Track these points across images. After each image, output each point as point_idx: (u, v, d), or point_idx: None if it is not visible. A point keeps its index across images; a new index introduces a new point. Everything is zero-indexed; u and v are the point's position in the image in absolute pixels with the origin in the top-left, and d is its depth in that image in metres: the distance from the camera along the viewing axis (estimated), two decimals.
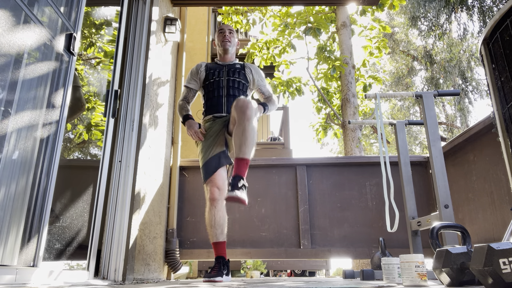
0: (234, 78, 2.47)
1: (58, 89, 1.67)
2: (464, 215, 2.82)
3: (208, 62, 2.63)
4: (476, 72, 12.16)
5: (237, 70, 2.52)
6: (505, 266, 1.05)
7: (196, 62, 7.42)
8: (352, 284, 1.69)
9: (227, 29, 2.64)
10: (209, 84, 2.49)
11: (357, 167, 3.42)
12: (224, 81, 2.46)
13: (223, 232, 2.23)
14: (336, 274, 15.37)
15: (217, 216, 2.20)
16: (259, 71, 2.62)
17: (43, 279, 1.53)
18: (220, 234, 2.21)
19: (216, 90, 2.46)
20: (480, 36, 1.74)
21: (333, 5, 6.35)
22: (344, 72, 6.26)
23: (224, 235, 2.25)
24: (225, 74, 2.49)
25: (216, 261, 2.20)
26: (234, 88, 2.45)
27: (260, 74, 2.62)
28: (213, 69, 2.52)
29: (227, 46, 2.58)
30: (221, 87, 2.45)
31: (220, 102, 2.42)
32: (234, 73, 2.50)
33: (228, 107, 2.41)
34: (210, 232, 2.23)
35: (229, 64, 2.57)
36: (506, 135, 1.61)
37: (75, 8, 1.83)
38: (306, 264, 8.15)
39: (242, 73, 2.52)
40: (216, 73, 2.50)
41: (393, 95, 2.52)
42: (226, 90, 2.44)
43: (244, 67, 2.57)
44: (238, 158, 2.02)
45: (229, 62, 2.59)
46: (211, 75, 2.50)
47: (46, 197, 1.56)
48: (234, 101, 2.19)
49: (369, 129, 13.21)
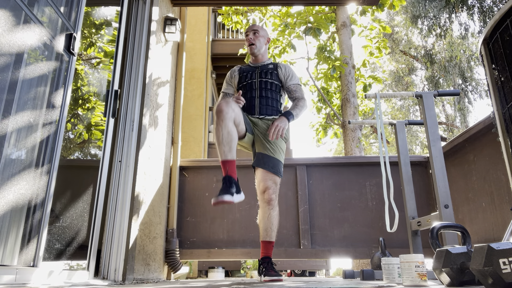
0: (266, 80, 2.44)
1: (58, 89, 1.67)
2: (464, 215, 2.82)
3: (243, 65, 2.60)
4: (476, 72, 12.17)
5: (270, 71, 2.48)
6: (505, 266, 1.05)
7: (196, 62, 7.45)
8: (352, 284, 1.69)
9: (251, 30, 2.55)
10: (242, 86, 2.48)
11: (357, 167, 3.42)
12: (257, 83, 2.44)
13: (231, 150, 2.05)
14: (336, 274, 15.37)
15: (224, 131, 2.03)
16: (291, 70, 2.54)
17: (43, 279, 1.53)
18: (228, 151, 2.04)
19: (248, 92, 2.44)
20: (480, 36, 1.74)
21: (333, 5, 6.35)
22: (344, 72, 6.26)
23: (233, 153, 2.07)
24: (257, 76, 2.46)
25: (223, 180, 2.01)
26: (267, 89, 2.43)
27: (292, 73, 2.53)
28: (246, 71, 2.51)
29: (253, 51, 2.52)
30: (254, 89, 2.43)
31: (252, 104, 2.40)
32: (266, 74, 2.46)
33: (260, 108, 2.39)
34: (218, 149, 2.07)
35: (261, 65, 2.52)
36: (506, 135, 1.61)
37: (75, 8, 1.83)
38: (306, 264, 8.15)
39: (274, 73, 2.48)
40: (249, 75, 2.48)
41: (393, 95, 2.52)
42: (259, 92, 2.42)
43: (276, 67, 2.51)
44: (265, 241, 2.22)
45: (261, 63, 2.54)
46: (244, 78, 2.49)
47: (46, 197, 1.56)
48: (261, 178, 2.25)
49: (369, 129, 13.22)
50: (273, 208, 2.26)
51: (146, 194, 2.52)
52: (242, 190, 2.09)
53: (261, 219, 2.27)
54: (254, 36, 2.52)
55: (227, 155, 2.04)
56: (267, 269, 2.15)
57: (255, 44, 2.51)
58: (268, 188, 2.25)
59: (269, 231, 2.23)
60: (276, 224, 2.27)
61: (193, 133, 6.79)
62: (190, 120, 6.87)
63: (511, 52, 1.52)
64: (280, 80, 2.49)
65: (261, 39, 2.54)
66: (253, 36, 2.52)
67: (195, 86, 7.24)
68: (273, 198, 2.26)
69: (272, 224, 2.25)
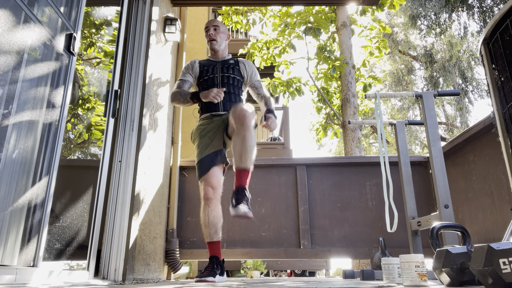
0: (228, 74, 2.41)
1: (58, 89, 1.67)
2: (464, 215, 2.82)
3: (201, 59, 2.53)
4: (476, 72, 12.17)
5: (231, 66, 2.45)
6: (505, 266, 1.05)
7: None
8: (352, 284, 1.69)
9: (212, 26, 2.51)
10: (204, 81, 2.42)
11: (357, 167, 3.42)
12: (219, 78, 2.40)
13: (217, 232, 2.19)
14: (336, 274, 15.37)
15: (211, 215, 2.16)
16: (252, 66, 2.54)
17: (43, 279, 1.53)
18: (214, 233, 2.17)
19: (210, 87, 2.38)
20: (480, 36, 1.74)
21: (333, 5, 6.35)
22: (344, 72, 6.26)
23: (219, 235, 2.21)
24: (219, 71, 2.42)
25: (210, 261, 2.17)
26: (229, 84, 2.39)
27: (254, 69, 2.53)
28: (207, 65, 2.45)
29: (213, 46, 2.48)
30: (216, 83, 2.39)
31: None
32: (228, 69, 2.43)
33: (224, 104, 2.35)
34: (204, 231, 2.19)
35: (222, 60, 2.49)
36: (506, 135, 1.61)
37: (75, 8, 1.83)
38: (306, 264, 8.15)
39: (236, 68, 2.46)
40: (210, 69, 2.43)
41: (393, 95, 2.52)
42: (221, 87, 2.37)
43: (238, 62, 2.49)
44: (239, 168, 2.03)
45: (222, 58, 2.50)
46: (205, 72, 2.43)
47: (46, 197, 1.56)
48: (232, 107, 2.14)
49: (369, 129, 13.22)
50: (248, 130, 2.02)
51: (146, 194, 2.52)
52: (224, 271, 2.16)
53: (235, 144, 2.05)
54: (215, 32, 2.49)
55: (212, 237, 2.17)
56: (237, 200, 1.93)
57: (216, 39, 2.48)
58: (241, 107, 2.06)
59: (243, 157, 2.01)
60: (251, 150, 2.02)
61: None
62: (190, 120, 6.85)
63: (511, 52, 1.52)
64: (242, 76, 2.47)
65: (222, 35, 2.52)
66: (214, 32, 2.49)
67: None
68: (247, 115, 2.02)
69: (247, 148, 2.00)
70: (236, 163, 2.04)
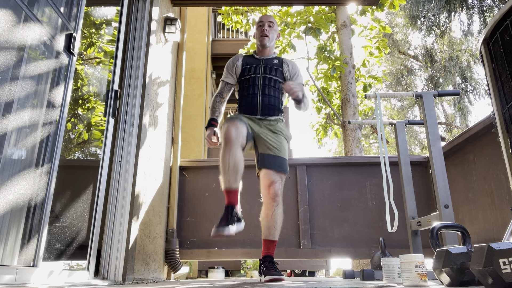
0: (270, 76, 2.32)
1: (58, 89, 1.67)
2: (464, 215, 2.82)
3: (246, 55, 2.45)
4: (476, 72, 12.17)
5: (274, 67, 2.36)
6: (505, 266, 1.05)
7: (196, 62, 7.44)
8: (352, 284, 1.69)
9: (267, 21, 2.41)
10: (245, 80, 2.34)
11: (357, 167, 3.42)
12: (260, 79, 2.31)
13: (236, 180, 2.02)
14: (336, 274, 15.36)
15: (231, 160, 1.99)
16: (296, 68, 2.44)
17: (43, 279, 1.53)
18: (233, 181, 2.00)
19: (251, 87, 2.31)
20: (480, 36, 1.74)
21: (333, 5, 6.34)
22: (344, 72, 6.26)
23: (238, 182, 2.04)
24: (261, 71, 2.33)
25: (226, 210, 1.99)
26: (270, 87, 2.31)
27: (298, 71, 2.43)
28: (250, 64, 2.37)
29: (265, 42, 2.38)
30: (257, 84, 2.30)
31: (254, 103, 2.28)
32: (271, 70, 2.34)
33: (262, 108, 2.28)
34: (223, 177, 2.02)
35: (266, 58, 2.39)
36: (506, 135, 1.61)
37: (75, 8, 1.83)
38: (306, 264, 8.15)
39: (279, 70, 2.37)
40: (253, 69, 2.34)
41: (393, 95, 2.52)
42: (262, 89, 2.29)
43: (282, 63, 2.40)
44: (267, 240, 2.14)
45: (266, 57, 2.41)
46: (247, 71, 2.35)
47: (46, 196, 1.56)
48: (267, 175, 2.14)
49: (369, 129, 13.22)
50: (278, 205, 2.17)
51: (146, 194, 2.52)
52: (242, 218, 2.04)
53: (265, 216, 2.17)
54: (269, 28, 2.41)
55: (231, 185, 2.00)
56: (268, 268, 2.07)
57: (268, 36, 2.39)
58: (274, 182, 2.15)
59: (272, 229, 2.15)
60: (280, 223, 2.19)
61: (193, 133, 6.79)
62: (190, 120, 6.87)
63: (511, 52, 1.52)
64: (284, 78, 2.38)
65: (274, 32, 2.44)
66: (268, 28, 2.41)
67: (195, 86, 7.24)
68: (278, 194, 2.17)
69: (276, 222, 2.16)
70: (265, 235, 2.15)
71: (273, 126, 2.28)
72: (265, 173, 2.17)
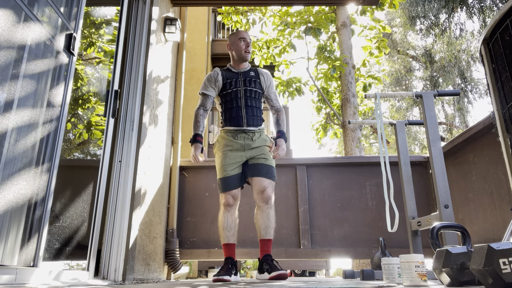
0: (251, 88, 2.48)
1: (58, 89, 1.67)
2: (464, 215, 2.82)
3: (223, 69, 2.58)
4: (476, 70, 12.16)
5: (253, 79, 2.52)
6: (505, 266, 1.05)
7: (196, 62, 7.44)
8: (352, 284, 1.69)
9: (248, 38, 2.59)
10: (227, 94, 2.48)
11: (357, 167, 3.42)
12: (242, 91, 2.46)
13: (234, 235, 2.37)
14: (336, 274, 15.37)
15: (230, 220, 2.35)
16: (271, 78, 2.63)
17: (43, 279, 1.53)
18: (231, 236, 2.35)
19: (234, 100, 2.46)
20: (480, 36, 1.74)
21: (333, 5, 6.34)
22: (344, 72, 6.26)
23: (235, 237, 2.38)
24: (241, 84, 2.48)
25: (225, 261, 2.31)
26: (252, 98, 2.47)
27: (272, 81, 2.62)
28: (230, 78, 2.50)
29: (248, 57, 2.56)
30: (239, 97, 2.46)
31: (239, 115, 2.43)
32: (250, 82, 2.50)
33: (247, 118, 2.44)
34: (222, 234, 2.35)
35: (244, 71, 2.54)
36: (506, 135, 1.61)
37: (75, 8, 1.83)
38: (306, 264, 8.15)
39: (257, 82, 2.53)
40: (233, 83, 2.49)
41: (393, 95, 2.52)
42: (244, 101, 2.45)
43: (258, 74, 2.57)
44: (265, 239, 2.33)
45: (244, 69, 2.56)
46: (228, 85, 2.48)
47: (46, 196, 1.56)
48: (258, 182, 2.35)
49: (369, 129, 13.21)
50: (271, 207, 2.38)
51: (146, 194, 2.52)
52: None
53: (260, 218, 2.36)
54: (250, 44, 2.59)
55: (229, 239, 2.34)
56: (271, 266, 2.22)
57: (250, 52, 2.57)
58: (266, 188, 2.36)
59: (268, 229, 2.34)
60: (274, 222, 2.38)
61: None
62: (190, 120, 6.85)
63: (511, 52, 1.52)
64: (262, 88, 2.56)
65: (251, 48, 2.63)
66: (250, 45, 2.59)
67: (195, 86, 7.24)
68: (271, 197, 2.37)
69: (271, 221, 2.35)
70: (262, 235, 2.34)
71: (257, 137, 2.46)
72: (257, 180, 2.37)
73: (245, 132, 2.43)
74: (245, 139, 2.42)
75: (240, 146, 2.41)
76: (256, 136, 2.45)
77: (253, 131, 2.45)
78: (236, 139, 2.42)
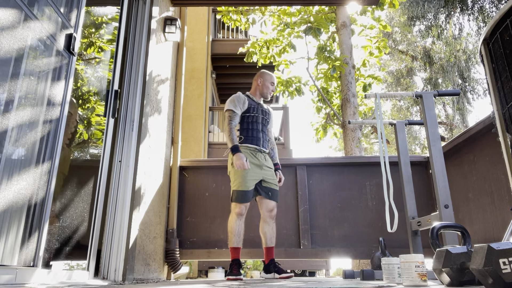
0: (265, 118, 2.95)
1: (58, 88, 1.67)
2: (464, 215, 2.82)
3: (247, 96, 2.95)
4: (475, 71, 12.16)
5: (267, 111, 2.98)
6: (505, 266, 1.05)
7: (196, 62, 7.44)
8: (352, 284, 1.69)
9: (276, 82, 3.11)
10: (249, 116, 2.87)
11: (357, 167, 3.42)
12: (260, 118, 2.90)
13: (241, 240, 2.72)
14: (336, 274, 15.37)
15: (241, 227, 2.70)
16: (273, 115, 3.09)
17: (43, 279, 1.53)
18: (240, 241, 2.70)
19: (255, 123, 2.87)
20: (480, 36, 1.74)
21: (333, 5, 6.34)
22: (344, 72, 6.25)
23: (241, 242, 2.73)
24: (260, 112, 2.91)
25: (234, 262, 2.65)
26: (264, 126, 2.92)
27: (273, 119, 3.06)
28: (253, 105, 2.91)
29: (269, 98, 3.06)
30: (258, 122, 2.89)
31: (258, 136, 2.84)
32: (264, 113, 2.95)
33: (263, 142, 2.87)
34: (232, 239, 2.68)
35: (260, 103, 2.98)
36: (506, 135, 1.61)
37: (75, 8, 1.83)
38: (306, 264, 8.15)
39: (270, 115, 3.00)
40: (256, 109, 2.90)
41: (393, 95, 2.52)
42: (261, 126, 2.89)
43: (269, 111, 3.02)
44: (270, 247, 2.74)
45: (260, 101, 3.00)
46: (252, 110, 2.88)
47: (46, 196, 1.56)
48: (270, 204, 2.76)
49: (369, 129, 13.22)
50: (275, 221, 2.83)
51: (146, 194, 2.52)
52: None
53: (266, 230, 2.76)
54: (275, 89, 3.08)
55: (238, 243, 2.69)
56: (278, 268, 2.68)
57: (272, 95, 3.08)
58: (274, 208, 2.80)
59: (273, 238, 2.78)
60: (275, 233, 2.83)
61: (193, 133, 6.79)
62: (190, 120, 6.87)
63: (511, 52, 1.52)
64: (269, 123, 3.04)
65: None
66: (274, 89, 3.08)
67: (195, 86, 7.24)
68: (275, 214, 2.83)
69: (275, 232, 2.81)
70: (268, 244, 2.74)
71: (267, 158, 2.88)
72: (269, 202, 2.78)
73: (261, 152, 2.83)
74: (260, 159, 2.80)
75: (258, 163, 2.78)
76: (267, 158, 2.89)
77: (266, 153, 2.89)
78: (255, 156, 2.79)
